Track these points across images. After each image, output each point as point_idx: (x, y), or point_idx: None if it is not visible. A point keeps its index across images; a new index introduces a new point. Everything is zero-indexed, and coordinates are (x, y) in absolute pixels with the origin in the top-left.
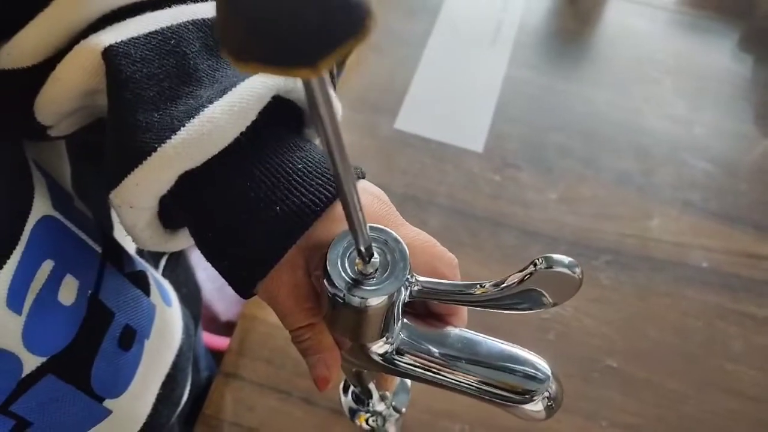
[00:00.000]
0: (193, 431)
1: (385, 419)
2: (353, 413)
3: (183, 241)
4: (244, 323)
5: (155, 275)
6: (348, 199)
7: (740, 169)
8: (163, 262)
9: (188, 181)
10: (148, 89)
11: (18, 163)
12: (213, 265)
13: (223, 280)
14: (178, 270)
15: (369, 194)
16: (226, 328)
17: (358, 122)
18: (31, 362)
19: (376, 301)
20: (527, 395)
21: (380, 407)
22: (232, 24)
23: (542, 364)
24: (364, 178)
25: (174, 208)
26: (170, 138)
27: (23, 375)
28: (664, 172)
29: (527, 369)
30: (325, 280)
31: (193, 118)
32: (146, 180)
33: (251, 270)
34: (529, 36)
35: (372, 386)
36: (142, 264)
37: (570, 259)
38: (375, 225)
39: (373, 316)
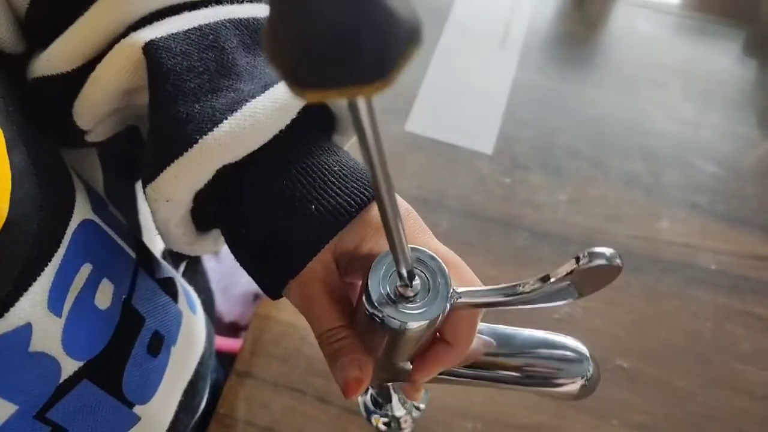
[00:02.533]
0: (208, 430)
1: (400, 423)
2: (370, 414)
3: (210, 243)
4: (258, 322)
5: (182, 282)
6: (391, 224)
7: (747, 172)
8: (182, 268)
9: (225, 176)
10: (189, 81)
11: (60, 167)
12: (243, 264)
13: (227, 281)
14: (196, 276)
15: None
16: (230, 329)
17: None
18: (69, 367)
19: (416, 324)
20: (568, 378)
21: (399, 412)
22: (289, 54)
23: (579, 346)
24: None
25: (208, 204)
26: (212, 130)
27: (61, 380)
28: (671, 175)
29: (566, 353)
30: (364, 301)
31: (236, 111)
32: (186, 172)
33: (283, 267)
34: (538, 39)
35: (392, 391)
36: (171, 270)
37: (611, 250)
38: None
39: (411, 338)
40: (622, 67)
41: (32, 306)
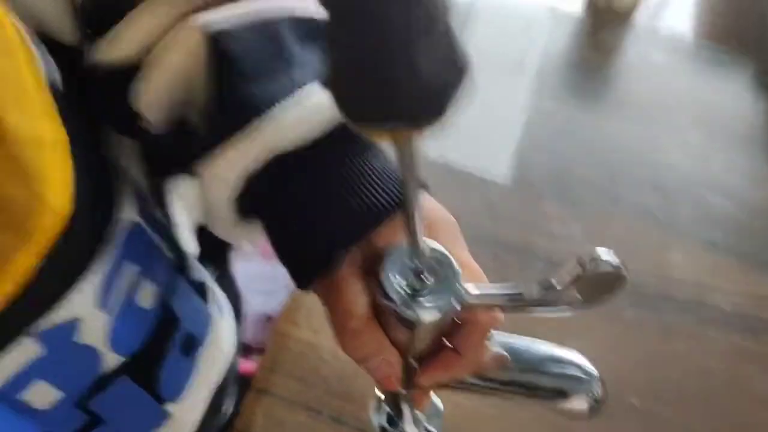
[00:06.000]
0: None
1: None
2: None
3: (249, 231)
4: (277, 340)
5: (214, 286)
6: (411, 214)
7: (760, 209)
8: (211, 272)
9: (275, 162)
10: (246, 64)
11: (110, 169)
12: (279, 252)
13: None
14: (224, 282)
15: (437, 216)
16: (242, 350)
17: (383, 147)
18: (110, 361)
19: (428, 316)
20: (573, 395)
21: (411, 430)
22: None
23: (587, 365)
24: (427, 189)
25: (256, 188)
26: (267, 114)
27: (102, 373)
28: (684, 211)
29: (574, 371)
30: (378, 293)
31: (293, 99)
32: (238, 152)
33: (318, 258)
34: (552, 67)
35: (405, 407)
36: (204, 274)
37: (617, 259)
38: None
39: (422, 332)
40: (635, 95)
41: (82, 300)
